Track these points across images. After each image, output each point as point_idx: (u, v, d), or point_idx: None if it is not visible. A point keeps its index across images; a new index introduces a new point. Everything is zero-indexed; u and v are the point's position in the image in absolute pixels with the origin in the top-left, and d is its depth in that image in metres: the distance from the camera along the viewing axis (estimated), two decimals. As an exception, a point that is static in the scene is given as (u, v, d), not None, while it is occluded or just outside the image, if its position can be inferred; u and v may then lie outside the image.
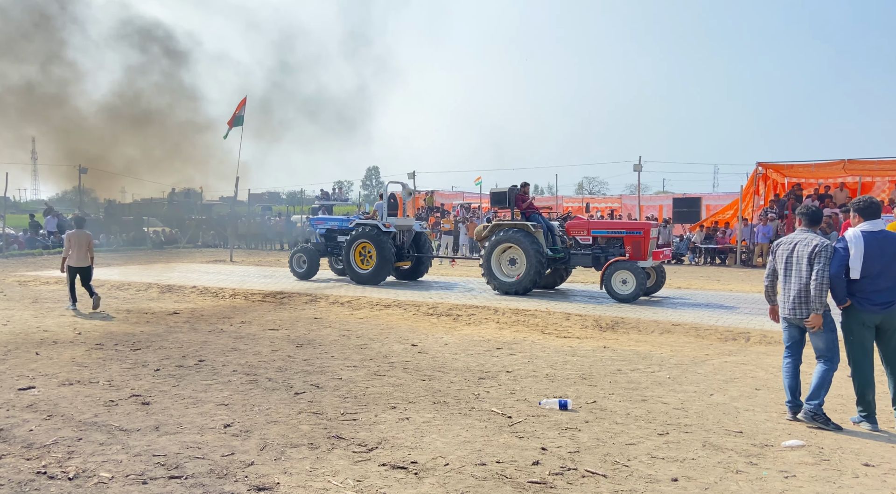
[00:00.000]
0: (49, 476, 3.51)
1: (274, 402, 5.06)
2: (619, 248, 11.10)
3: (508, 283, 11.37)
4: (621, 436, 4.33)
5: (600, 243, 11.37)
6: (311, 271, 13.94)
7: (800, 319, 4.74)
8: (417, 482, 3.52)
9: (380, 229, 12.79)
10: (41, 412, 4.73)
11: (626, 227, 11.42)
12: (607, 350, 7.35)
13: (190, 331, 8.26)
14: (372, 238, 12.77)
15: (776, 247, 5.01)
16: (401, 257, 13.51)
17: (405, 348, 7.33)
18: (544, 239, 11.40)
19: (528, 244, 11.08)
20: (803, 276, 4.69)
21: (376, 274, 12.85)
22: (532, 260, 11.04)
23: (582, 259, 11.42)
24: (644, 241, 10.86)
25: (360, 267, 13.07)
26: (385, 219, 13.13)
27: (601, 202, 29.69)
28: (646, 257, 10.77)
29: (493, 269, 11.57)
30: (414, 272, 14.00)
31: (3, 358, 6.57)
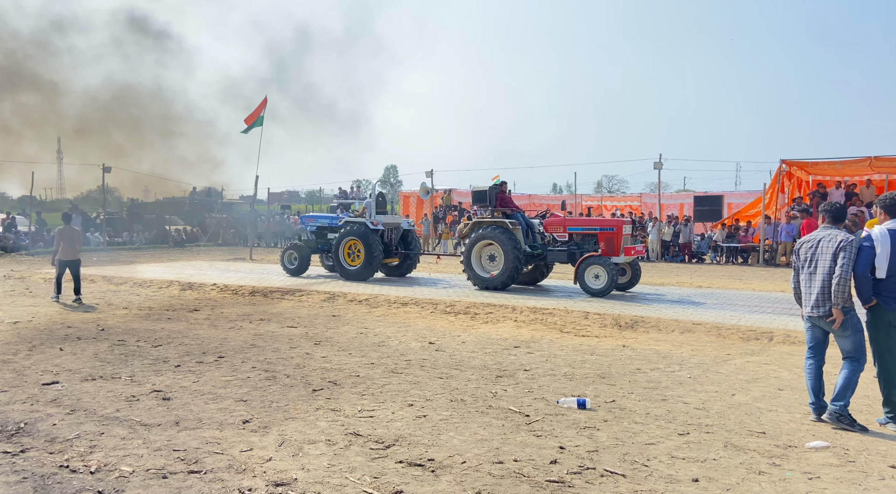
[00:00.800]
0: (71, 470, 3.56)
1: (292, 399, 5.09)
2: (593, 245, 11.45)
3: (487, 278, 11.74)
4: (641, 436, 4.28)
5: (576, 240, 11.73)
6: (301, 267, 14.37)
7: (822, 316, 4.63)
8: (434, 479, 3.51)
9: (367, 227, 13.16)
10: (64, 406, 4.80)
11: (599, 224, 11.85)
12: (626, 349, 7.27)
13: (210, 328, 8.34)
14: (360, 235, 13.15)
15: (799, 245, 4.91)
16: (388, 254, 13.87)
17: (422, 346, 7.32)
18: (523, 236, 11.71)
19: (506, 241, 11.42)
20: (827, 272, 4.59)
21: (364, 271, 13.21)
22: (510, 257, 11.40)
23: (558, 255, 11.75)
24: (616, 238, 11.20)
25: (349, 264, 13.45)
26: (373, 216, 13.44)
27: (620, 200, 29.41)
28: (618, 253, 11.12)
29: (472, 265, 11.96)
30: (402, 268, 14.33)
31: (29, 353, 6.69)
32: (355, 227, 13.27)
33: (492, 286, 11.66)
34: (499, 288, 11.64)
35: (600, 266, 10.86)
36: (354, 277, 13.33)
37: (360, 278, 13.28)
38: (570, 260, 11.53)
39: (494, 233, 11.59)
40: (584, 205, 27.20)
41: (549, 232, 12.14)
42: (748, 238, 20.44)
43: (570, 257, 11.54)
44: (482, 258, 12.05)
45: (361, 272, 13.23)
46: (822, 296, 4.62)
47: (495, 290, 11.58)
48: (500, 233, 11.56)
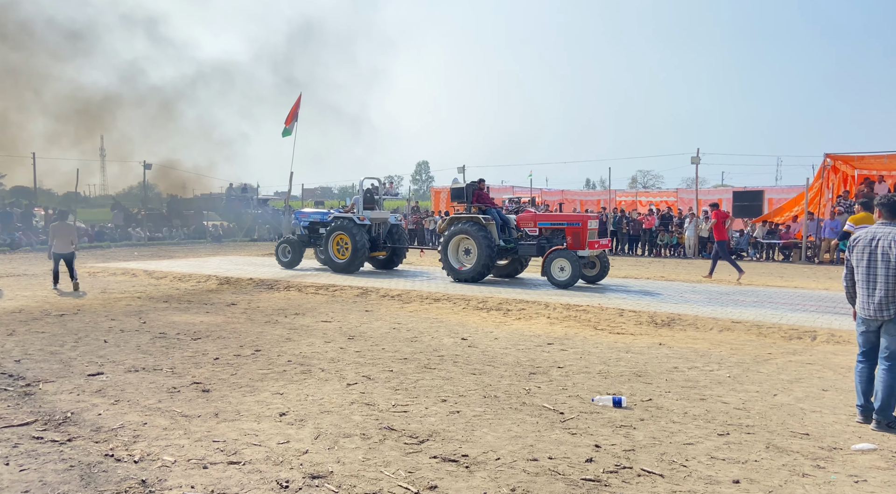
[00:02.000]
0: (116, 459, 3.67)
1: (327, 392, 5.15)
2: (561, 239, 11.95)
3: (463, 271, 12.34)
4: (679, 436, 4.20)
5: (545, 234, 12.24)
6: (295, 260, 15.09)
7: (888, 318, 4.40)
8: (469, 475, 3.51)
9: (354, 222, 13.82)
10: (109, 397, 4.95)
11: (566, 219, 12.47)
12: (663, 347, 7.15)
13: (247, 322, 8.50)
14: (347, 230, 13.81)
15: (853, 242, 4.66)
16: (375, 247, 14.51)
17: (455, 342, 7.33)
18: (498, 231, 12.26)
19: (479, 236, 12.00)
20: (890, 273, 4.37)
21: (351, 263, 13.86)
22: (483, 250, 11.97)
23: (529, 248, 12.26)
24: (582, 232, 11.76)
25: (338, 257, 14.10)
26: (360, 212, 14.07)
27: (655, 195, 28.90)
28: (584, 247, 11.67)
29: (449, 258, 12.56)
30: (390, 261, 15.01)
31: (75, 345, 6.92)
32: (343, 223, 13.94)
33: (466, 278, 12.22)
34: (475, 280, 12.21)
35: (565, 259, 11.40)
36: (342, 269, 13.96)
37: (348, 271, 13.91)
38: (539, 253, 12.01)
39: (469, 228, 12.16)
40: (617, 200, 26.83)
41: (521, 226, 12.58)
42: (790, 234, 19.87)
43: (539, 250, 12.04)
44: (459, 252, 12.64)
45: (349, 264, 13.88)
46: (887, 300, 4.38)
47: (471, 282, 12.16)
48: (475, 228, 12.12)
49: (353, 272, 13.95)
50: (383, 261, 15.07)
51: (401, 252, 15.03)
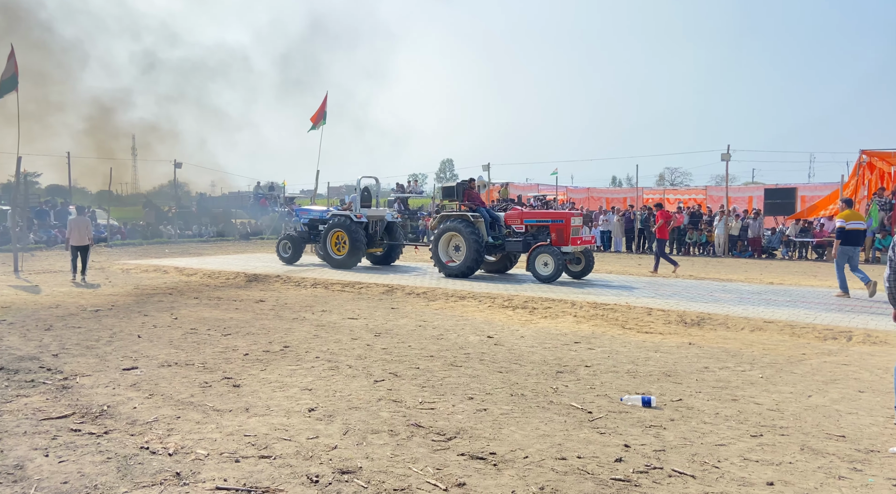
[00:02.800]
0: (151, 452, 3.75)
1: (355, 389, 5.19)
2: (546, 235, 12.43)
3: (451, 267, 12.83)
4: (710, 436, 4.14)
5: (531, 231, 12.70)
6: (294, 256, 15.63)
7: None
8: (497, 473, 3.50)
9: (351, 219, 14.35)
10: (143, 391, 5.06)
11: (551, 216, 12.86)
12: (693, 346, 7.05)
13: (275, 319, 8.61)
14: (345, 227, 14.35)
15: None
16: (372, 244, 15.04)
17: (481, 340, 7.32)
18: (487, 228, 12.77)
19: (468, 233, 12.49)
20: None
21: (349, 259, 14.38)
22: (471, 247, 12.44)
23: (515, 245, 12.67)
24: (566, 229, 12.21)
25: (336, 253, 14.64)
26: (358, 210, 14.59)
27: (684, 193, 28.46)
28: (567, 243, 12.11)
29: (439, 255, 13.07)
30: (387, 257, 15.53)
31: (110, 339, 7.09)
32: (341, 220, 14.49)
33: (455, 273, 12.71)
34: (464, 275, 12.70)
35: (548, 254, 11.90)
36: (340, 265, 14.47)
37: (346, 266, 14.42)
38: (525, 249, 12.49)
39: (458, 225, 12.65)
40: (645, 198, 26.50)
41: (509, 224, 13.02)
42: (824, 232, 19.41)
43: (524, 246, 12.52)
44: (449, 248, 13.17)
45: (346, 260, 14.39)
46: None
47: (461, 277, 12.67)
48: (463, 225, 12.63)
49: (351, 267, 14.46)
50: (380, 257, 15.52)
51: (397, 248, 15.57)
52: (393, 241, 15.44)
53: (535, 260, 12.06)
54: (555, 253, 11.81)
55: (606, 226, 23.52)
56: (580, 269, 12.68)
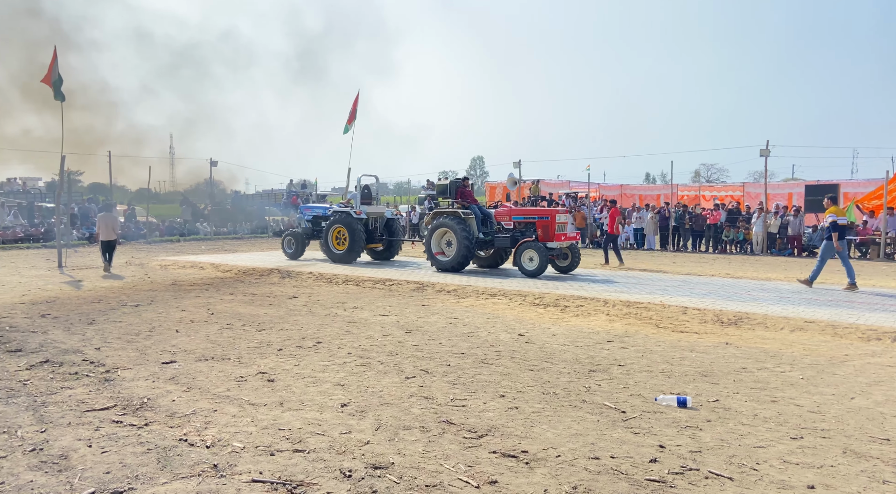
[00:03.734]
0: (189, 444, 3.84)
1: (386, 385, 5.22)
2: (533, 231, 12.81)
3: (444, 261, 13.29)
4: (748, 438, 4.04)
5: (519, 227, 13.10)
6: (298, 252, 16.27)
7: None
8: (529, 471, 3.49)
9: (351, 216, 14.93)
10: (181, 384, 5.18)
11: (537, 213, 13.28)
12: (730, 346, 6.90)
13: (308, 315, 8.72)
14: (345, 223, 14.94)
15: None
16: (372, 240, 15.53)
17: (512, 337, 7.29)
18: (479, 224, 13.22)
19: (458, 229, 12.98)
20: None
21: (349, 254, 14.96)
22: (462, 243, 12.93)
23: (504, 240, 13.06)
24: (551, 225, 12.64)
25: (336, 248, 15.21)
26: (357, 207, 15.18)
27: (720, 189, 27.84)
28: (553, 239, 12.57)
29: (432, 250, 13.53)
30: (386, 253, 16.05)
31: (149, 334, 7.28)
32: (341, 216, 15.07)
33: (447, 267, 13.17)
34: (456, 270, 13.15)
35: (534, 250, 12.31)
36: (340, 260, 15.06)
37: (346, 261, 15.00)
38: (513, 244, 12.89)
39: (450, 222, 13.14)
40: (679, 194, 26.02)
41: (499, 220, 13.45)
42: (868, 230, 18.78)
43: (512, 242, 12.92)
44: (441, 243, 13.59)
45: (346, 255, 14.97)
46: None
47: (452, 271, 13.10)
48: (455, 221, 13.09)
49: (351, 262, 15.04)
50: (380, 253, 16.04)
51: (396, 244, 16.11)
52: (392, 237, 15.95)
53: (522, 256, 12.47)
54: (539, 249, 12.25)
55: (639, 223, 23.17)
56: (567, 264, 13.13)
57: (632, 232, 23.51)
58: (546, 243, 12.43)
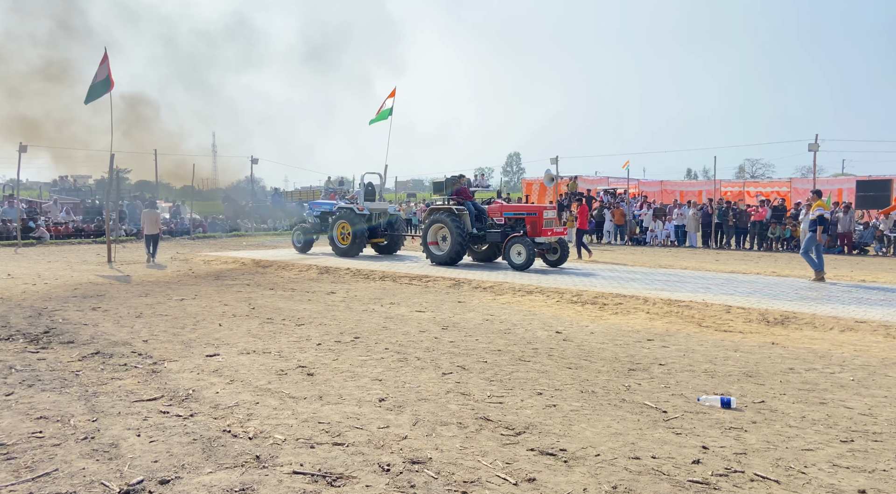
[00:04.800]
0: (233, 435, 3.93)
1: (423, 381, 5.25)
2: (522, 227, 13.43)
3: (439, 256, 13.98)
4: (796, 441, 3.92)
5: (510, 223, 13.70)
6: (307, 246, 17.30)
7: None
8: (567, 470, 3.45)
9: (354, 212, 15.76)
10: (224, 377, 5.31)
11: (526, 210, 14.07)
12: (776, 346, 6.70)
13: (345, 310, 8.82)
14: (348, 219, 15.75)
15: None
16: (375, 235, 16.36)
17: (549, 335, 7.24)
18: (473, 220, 13.83)
19: (452, 224, 13.59)
20: None
21: (351, 249, 15.78)
22: (455, 237, 13.55)
23: (495, 235, 13.69)
24: (539, 221, 13.26)
25: (341, 242, 16.05)
26: (361, 203, 16.04)
27: (766, 185, 27.01)
28: (540, 234, 13.16)
29: (428, 245, 14.23)
30: (389, 247, 16.83)
31: (194, 327, 7.48)
32: (345, 212, 15.90)
33: (441, 261, 13.84)
34: (450, 264, 13.79)
35: (521, 245, 12.90)
36: (344, 254, 15.84)
37: (349, 254, 15.77)
38: (503, 239, 13.45)
39: (444, 218, 13.73)
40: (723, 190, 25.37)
41: (490, 216, 14.05)
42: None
43: (502, 237, 13.48)
44: (437, 238, 14.25)
45: (349, 249, 15.78)
46: None
47: (447, 265, 13.71)
48: (449, 217, 13.68)
49: (354, 256, 15.79)
50: (383, 247, 16.83)
51: (398, 239, 16.86)
52: (395, 233, 16.67)
53: (510, 250, 13.09)
54: (527, 243, 12.85)
55: (680, 220, 22.68)
56: (556, 259, 13.68)
57: (672, 228, 23.04)
58: (534, 238, 13.05)
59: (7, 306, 8.90)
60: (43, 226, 22.80)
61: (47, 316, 8.10)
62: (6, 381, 5.09)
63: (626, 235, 24.19)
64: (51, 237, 22.47)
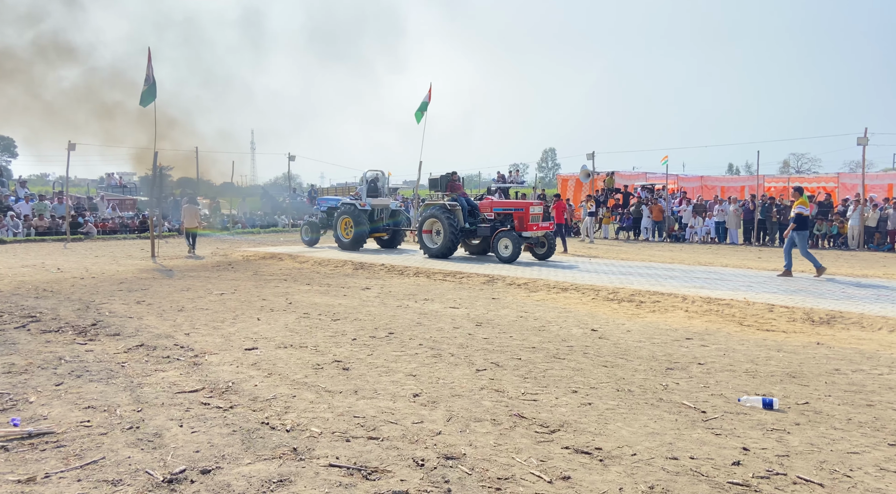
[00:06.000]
0: (271, 427, 4.02)
1: (457, 377, 5.26)
2: (510, 222, 14.03)
3: (432, 249, 14.67)
4: (841, 443, 3.79)
5: (499, 218, 14.31)
6: (314, 240, 18.10)
7: None
8: (603, 468, 3.42)
9: (357, 207, 16.62)
10: (263, 370, 5.42)
11: (513, 206, 14.67)
12: (821, 346, 6.49)
13: (380, 306, 8.90)
14: (351, 214, 16.61)
15: None
16: (377, 229, 17.20)
17: (584, 332, 7.16)
18: (466, 215, 14.55)
19: (445, 219, 14.35)
20: None
21: (354, 243, 16.58)
22: (447, 232, 14.31)
23: (485, 230, 14.36)
24: (525, 216, 13.87)
25: (344, 236, 16.84)
26: (363, 199, 16.78)
27: (812, 181, 26.14)
28: (526, 229, 13.79)
29: (423, 239, 14.93)
30: (392, 241, 17.70)
31: (233, 321, 7.65)
32: (348, 208, 16.76)
33: (435, 254, 14.53)
34: (444, 256, 14.46)
35: (508, 238, 13.61)
36: (347, 247, 16.63)
37: (352, 248, 16.57)
38: (492, 233, 14.12)
39: (438, 213, 14.49)
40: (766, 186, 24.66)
41: (481, 211, 14.69)
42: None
43: (491, 232, 14.19)
44: (432, 233, 14.89)
45: (352, 243, 16.57)
46: None
47: (439, 258, 14.37)
48: (442, 213, 14.42)
49: (356, 249, 16.58)
50: (386, 241, 17.73)
51: (400, 233, 17.79)
52: (396, 227, 17.65)
53: (498, 243, 13.78)
54: (513, 238, 13.58)
55: (721, 216, 22.14)
56: (544, 252, 14.28)
57: (713, 225, 22.51)
58: (521, 233, 13.73)
59: (57, 299, 9.26)
60: (91, 222, 23.62)
61: (95, 309, 8.40)
62: (56, 372, 5.30)
63: (664, 232, 23.75)
64: (97, 232, 23.26)
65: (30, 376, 5.16)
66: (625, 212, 25.63)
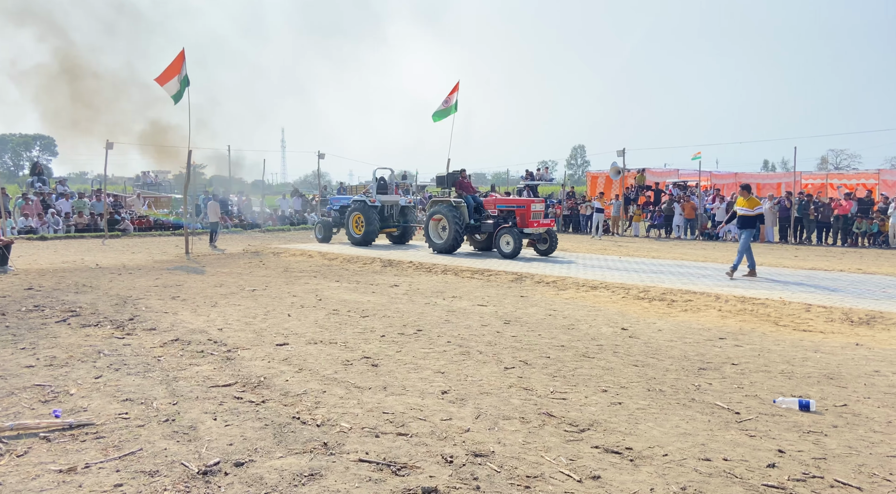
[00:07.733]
0: (301, 422, 4.07)
1: (485, 374, 5.26)
2: (512, 219, 14.41)
3: (439, 244, 15.21)
4: (880, 446, 3.69)
5: (502, 215, 14.68)
6: (326, 238, 18.86)
7: None
8: (633, 469, 3.38)
9: (366, 204, 17.12)
10: (293, 365, 5.50)
11: (516, 203, 14.99)
12: (860, 347, 6.31)
13: (408, 302, 8.94)
14: (362, 210, 17.12)
15: None
16: (387, 225, 17.73)
17: (614, 331, 7.09)
18: (471, 212, 15.03)
19: (451, 216, 14.84)
20: None
21: (365, 238, 17.13)
22: (452, 228, 14.82)
23: (488, 226, 14.76)
24: (527, 213, 14.24)
25: (355, 233, 17.40)
26: (373, 196, 17.32)
27: (851, 177, 25.38)
28: (528, 225, 14.11)
29: (430, 234, 15.44)
30: (402, 237, 18.27)
31: (265, 317, 7.77)
32: (359, 205, 17.22)
33: (441, 249, 15.07)
34: (448, 252, 14.96)
35: (510, 235, 13.99)
36: (359, 243, 17.22)
37: (363, 244, 17.18)
38: (495, 230, 14.47)
39: (444, 210, 14.95)
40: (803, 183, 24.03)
41: (486, 208, 15.10)
42: None
43: (495, 228, 14.58)
44: (438, 228, 15.37)
45: (363, 239, 17.15)
46: None
47: (445, 253, 14.88)
48: (448, 209, 14.89)
49: (368, 245, 17.16)
50: (396, 237, 18.28)
51: (411, 229, 18.35)
52: (406, 223, 18.13)
53: (500, 240, 14.13)
54: (514, 234, 13.92)
55: (755, 213, 21.61)
56: (546, 248, 14.59)
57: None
58: (522, 229, 14.07)
59: (96, 294, 9.53)
60: (127, 219, 24.23)
61: (132, 304, 8.62)
62: (95, 365, 5.46)
63: (696, 230, 23.33)
64: (134, 229, 23.85)
65: (70, 369, 5.32)
66: (656, 210, 25.24)
